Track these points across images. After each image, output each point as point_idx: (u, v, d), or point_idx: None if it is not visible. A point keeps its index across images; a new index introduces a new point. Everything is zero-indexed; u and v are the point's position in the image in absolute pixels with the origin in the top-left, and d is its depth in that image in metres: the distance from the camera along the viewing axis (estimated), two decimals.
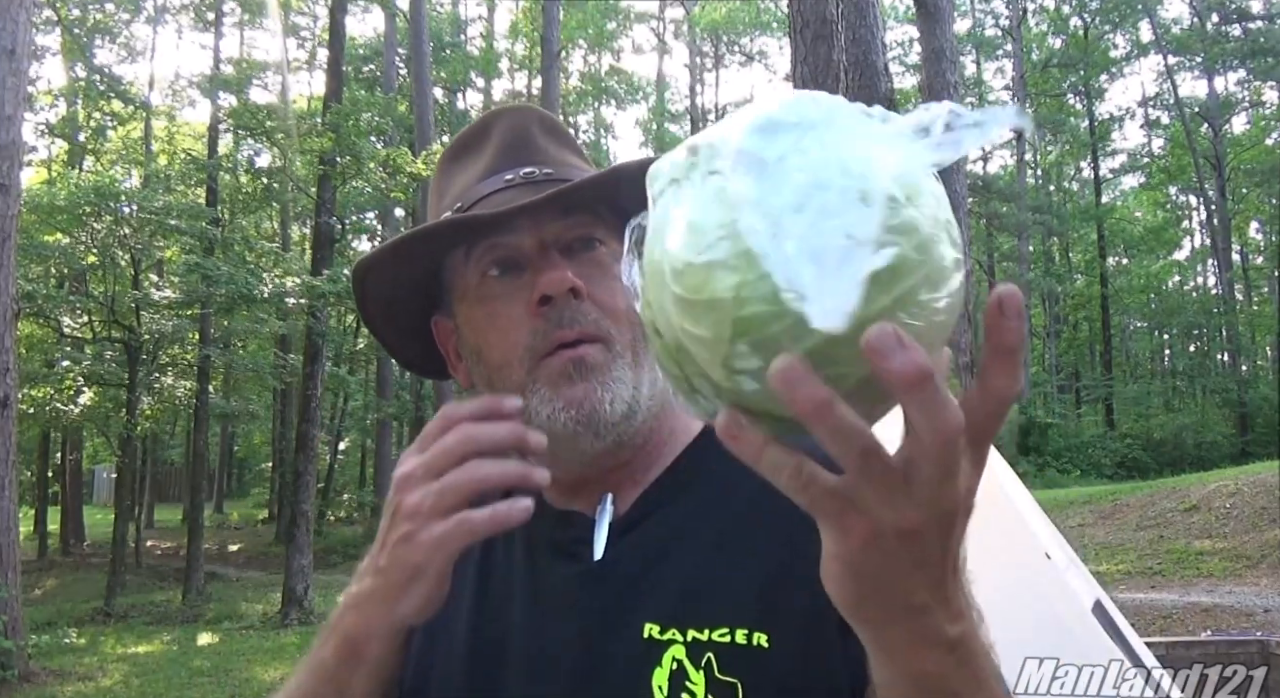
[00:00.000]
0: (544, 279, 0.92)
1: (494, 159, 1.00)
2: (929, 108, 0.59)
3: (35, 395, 16.25)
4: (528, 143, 1.01)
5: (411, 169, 16.65)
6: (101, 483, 39.35)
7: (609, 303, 0.94)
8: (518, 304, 0.94)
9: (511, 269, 0.95)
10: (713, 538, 0.90)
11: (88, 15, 23.27)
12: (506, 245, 0.95)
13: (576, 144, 1.08)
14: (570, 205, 0.94)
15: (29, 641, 10.42)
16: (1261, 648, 5.00)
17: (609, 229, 0.97)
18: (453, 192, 1.02)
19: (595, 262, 0.95)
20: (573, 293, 0.92)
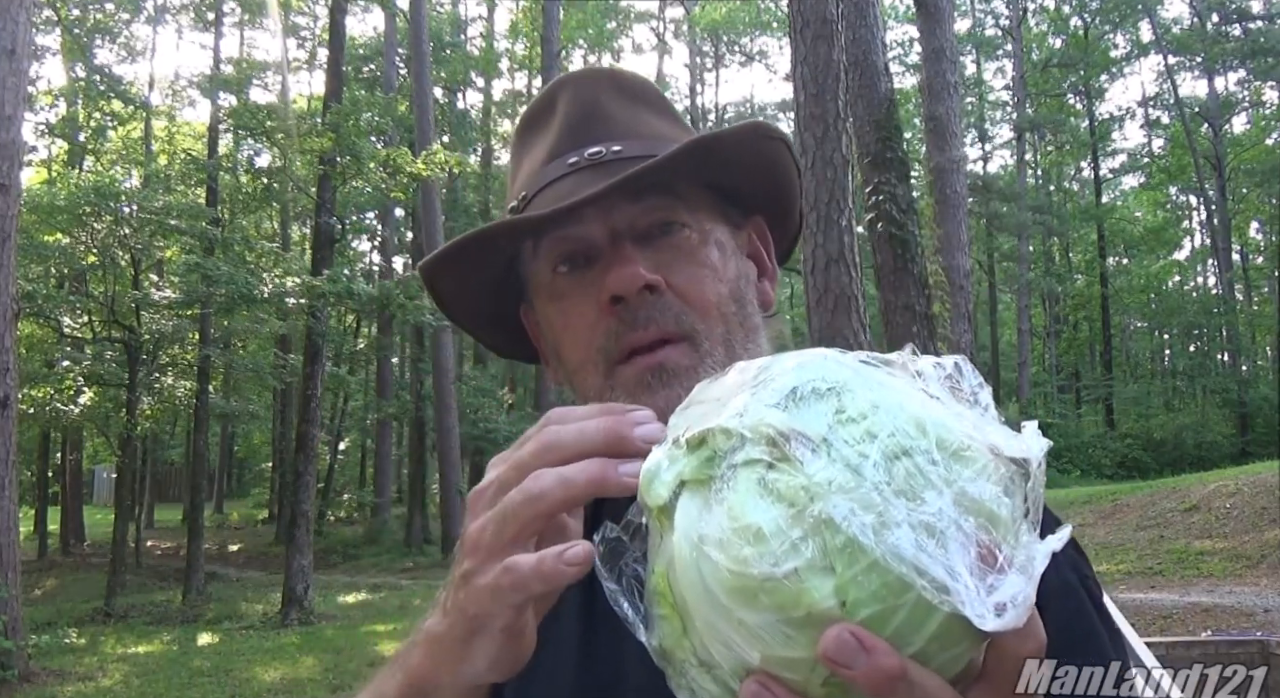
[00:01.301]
0: (612, 277, 0.82)
1: (557, 138, 0.90)
2: (940, 364, 0.54)
3: (35, 395, 16.25)
4: (595, 115, 0.90)
5: (411, 169, 16.64)
6: (101, 483, 39.34)
7: (694, 294, 0.84)
8: (589, 302, 0.84)
9: (581, 263, 0.85)
10: None
11: (88, 15, 23.27)
12: (574, 238, 0.85)
13: (662, 103, 0.96)
14: (642, 188, 0.83)
15: (29, 641, 10.42)
16: (1261, 648, 5.01)
17: (692, 207, 0.87)
18: (520, 176, 0.94)
19: (676, 248, 0.85)
20: (649, 289, 0.82)
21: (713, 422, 0.51)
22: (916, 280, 8.87)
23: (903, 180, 9.28)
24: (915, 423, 0.50)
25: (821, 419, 0.49)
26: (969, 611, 0.45)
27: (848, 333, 6.28)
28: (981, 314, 31.05)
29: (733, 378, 0.55)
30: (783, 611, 0.46)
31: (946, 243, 11.07)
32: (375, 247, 34.27)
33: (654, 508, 0.52)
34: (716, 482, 0.49)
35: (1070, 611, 0.74)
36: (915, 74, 30.29)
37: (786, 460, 0.48)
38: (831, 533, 0.46)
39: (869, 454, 0.48)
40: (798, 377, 0.52)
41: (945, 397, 0.53)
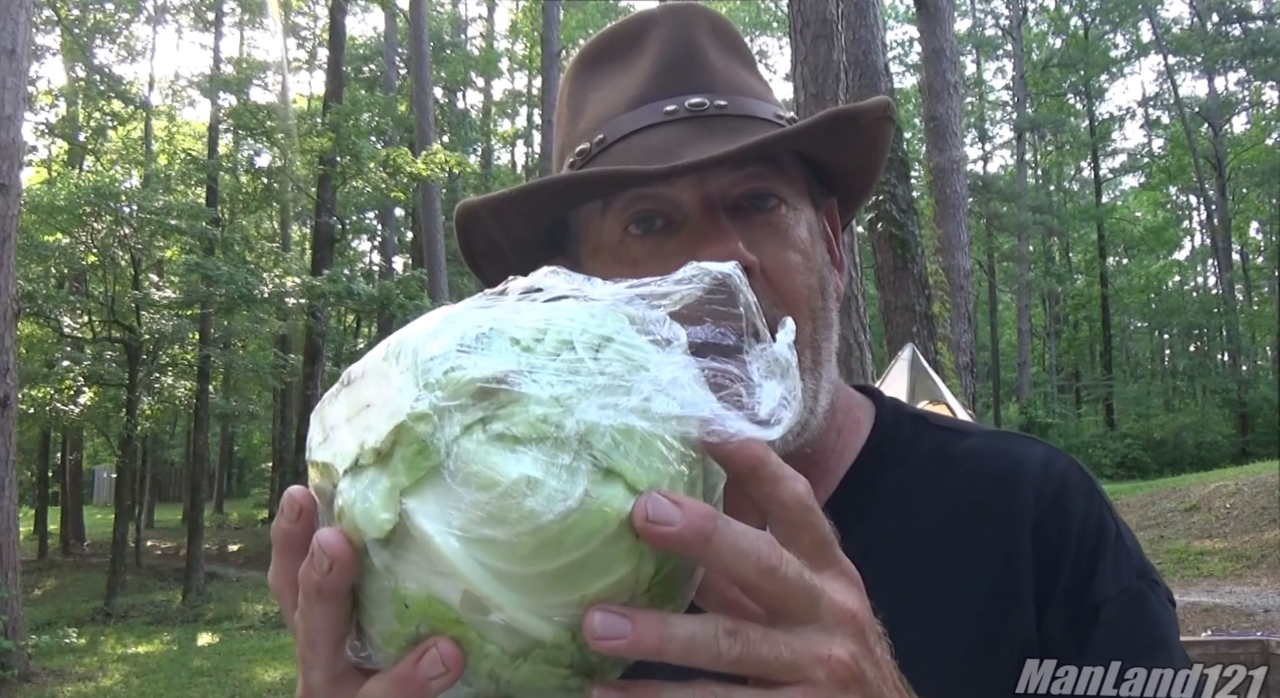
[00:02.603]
0: (706, 253, 0.70)
1: (651, 79, 0.78)
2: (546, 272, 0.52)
3: (35, 395, 16.24)
4: (695, 58, 0.78)
5: (411, 169, 16.66)
6: (101, 483, 39.34)
7: (786, 283, 0.75)
8: (662, 270, 0.75)
9: (661, 227, 0.75)
10: (904, 578, 0.73)
11: (88, 15, 23.27)
12: (658, 197, 0.75)
13: (751, 58, 0.84)
14: (744, 152, 0.72)
15: (29, 641, 10.42)
16: (1261, 648, 5.00)
17: (789, 182, 0.77)
18: (591, 112, 0.81)
19: (771, 226, 0.75)
20: (744, 271, 0.75)
21: (393, 419, 0.45)
22: (916, 280, 8.87)
23: (903, 180, 9.29)
24: (589, 315, 0.48)
25: (509, 353, 0.46)
26: (747, 431, 0.45)
27: (847, 333, 6.27)
28: (981, 314, 31.04)
29: (362, 383, 0.49)
30: (595, 535, 0.43)
31: (946, 243, 11.07)
32: (375, 247, 34.29)
33: (380, 540, 0.44)
34: (445, 465, 0.44)
35: (1131, 620, 0.71)
36: (915, 74, 30.31)
37: (506, 405, 0.44)
38: (596, 437, 0.44)
39: (578, 357, 0.46)
40: (450, 334, 0.47)
41: (584, 289, 0.51)
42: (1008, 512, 0.74)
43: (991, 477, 0.77)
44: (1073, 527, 0.74)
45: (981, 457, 0.79)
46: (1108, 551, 0.73)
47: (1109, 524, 0.75)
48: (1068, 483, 0.76)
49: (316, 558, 0.46)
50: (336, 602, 0.47)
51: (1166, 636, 0.72)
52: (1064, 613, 0.71)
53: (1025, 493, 0.75)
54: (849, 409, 0.84)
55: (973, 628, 0.71)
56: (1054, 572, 0.72)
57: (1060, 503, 0.75)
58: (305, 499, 0.48)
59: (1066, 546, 0.73)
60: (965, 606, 0.72)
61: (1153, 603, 0.73)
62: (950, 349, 9.52)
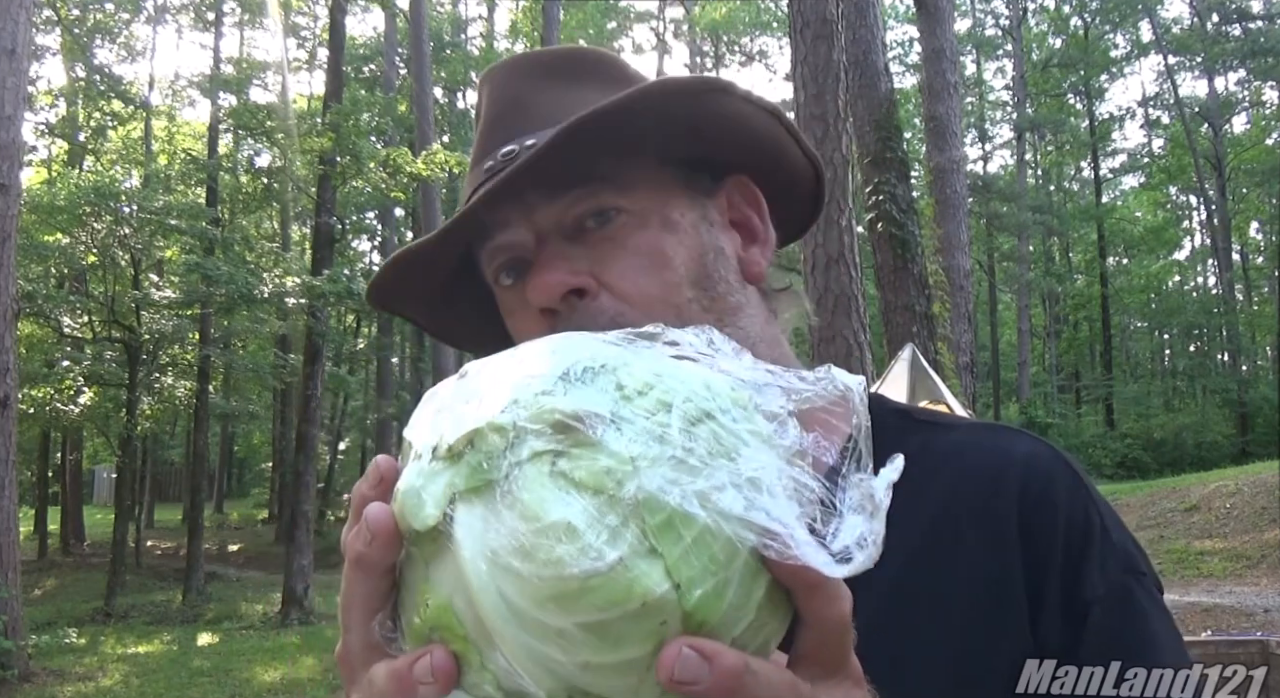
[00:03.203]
0: (530, 289, 0.74)
1: (479, 142, 0.82)
2: (697, 332, 0.51)
3: (35, 395, 16.24)
4: (513, 109, 0.80)
5: (411, 169, 16.65)
6: (101, 483, 39.33)
7: (631, 290, 0.74)
8: (530, 315, 0.76)
9: (520, 273, 0.77)
10: (893, 580, 0.70)
11: (88, 15, 23.27)
12: (504, 247, 0.77)
13: (613, 72, 0.83)
14: (559, 179, 0.73)
15: (29, 641, 10.42)
16: (1261, 648, 5.00)
17: (626, 187, 0.76)
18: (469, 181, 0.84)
19: (610, 240, 0.75)
20: (577, 294, 0.73)
21: (475, 421, 0.45)
22: (916, 280, 8.88)
23: (903, 180, 9.29)
24: (704, 384, 0.47)
25: (605, 397, 0.45)
26: (813, 560, 0.43)
27: (847, 333, 6.28)
28: (981, 314, 31.04)
29: (473, 379, 0.49)
30: (615, 607, 0.41)
31: (946, 243, 11.07)
32: (375, 247, 34.28)
33: (421, 533, 0.45)
34: (500, 485, 0.43)
35: (1120, 617, 0.71)
36: (915, 74, 30.30)
37: (580, 445, 0.43)
38: (650, 512, 0.42)
39: (669, 423, 0.44)
40: (562, 360, 0.47)
41: (715, 358, 0.50)
42: (995, 508, 0.74)
43: (977, 473, 0.76)
44: (1059, 523, 0.73)
45: (967, 452, 0.78)
46: (1094, 547, 0.73)
47: (1094, 519, 0.74)
48: (1051, 478, 0.75)
49: (361, 529, 0.47)
50: (374, 575, 0.48)
51: (1155, 630, 0.71)
52: (1057, 616, 0.70)
53: (1010, 489, 0.74)
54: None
55: (966, 628, 0.70)
56: (1044, 571, 0.71)
57: (1046, 498, 0.74)
58: (388, 469, 0.49)
59: (1053, 543, 0.72)
60: (957, 606, 0.71)
61: (1140, 598, 0.72)
62: (950, 349, 9.52)
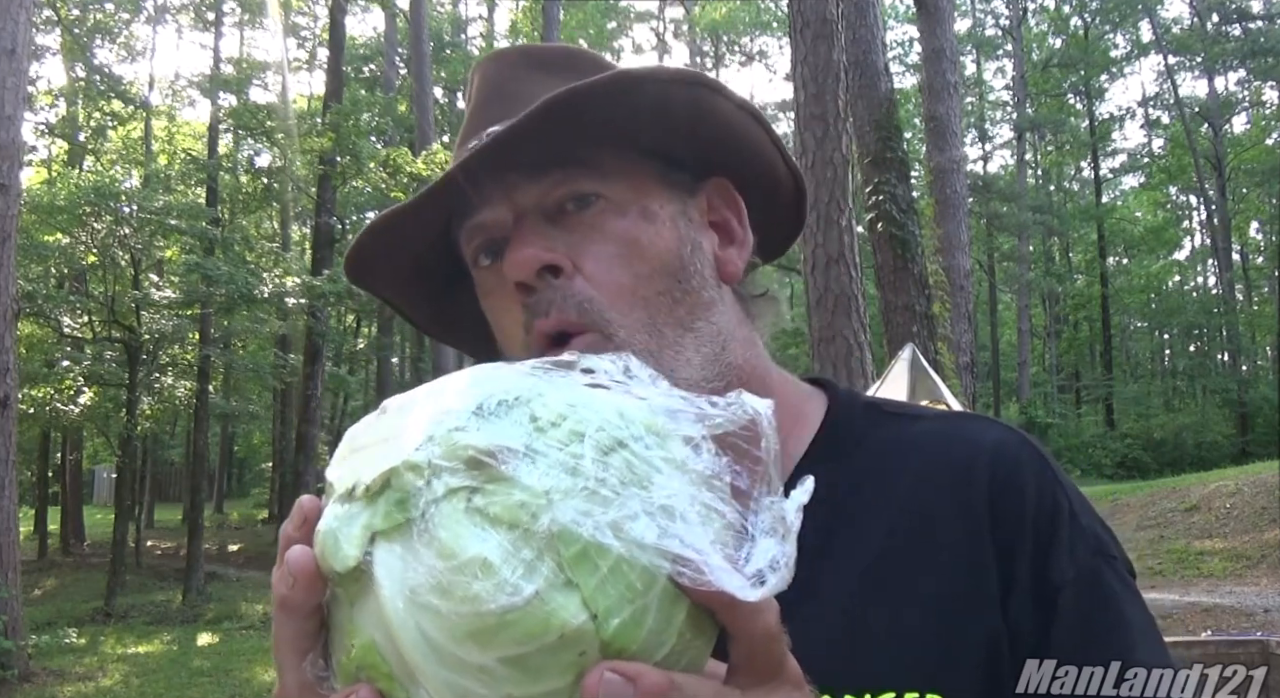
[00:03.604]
0: (505, 262, 0.74)
1: (467, 125, 0.83)
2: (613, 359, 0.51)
3: (35, 395, 16.25)
4: (502, 92, 0.82)
5: (411, 169, 16.66)
6: (101, 483, 39.33)
7: (604, 278, 0.74)
8: (506, 294, 0.77)
9: (498, 253, 0.78)
10: (865, 570, 0.72)
11: (88, 15, 23.27)
12: (483, 226, 0.78)
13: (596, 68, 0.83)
14: (541, 161, 0.75)
15: (29, 641, 10.42)
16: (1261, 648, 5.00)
17: (608, 175, 0.77)
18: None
19: (588, 225, 0.76)
20: (551, 271, 0.74)
21: (391, 460, 0.45)
22: (916, 280, 8.88)
23: (903, 180, 9.29)
24: (618, 412, 0.47)
25: (519, 430, 0.45)
26: (727, 585, 0.43)
27: (847, 333, 6.28)
28: (981, 314, 31.04)
29: (391, 416, 0.50)
30: (533, 640, 0.42)
31: (946, 243, 11.07)
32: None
33: (343, 574, 0.45)
34: (417, 523, 0.44)
35: (1090, 600, 0.71)
36: (915, 74, 30.29)
37: (494, 480, 0.44)
38: (565, 544, 0.42)
39: (582, 453, 0.45)
40: (476, 394, 0.47)
41: (630, 385, 0.50)
42: (964, 497, 0.74)
43: (946, 461, 0.77)
44: (1027, 509, 0.73)
45: (935, 441, 0.79)
46: (1062, 530, 0.73)
47: (1062, 503, 0.74)
48: (1019, 463, 0.76)
49: (284, 572, 0.47)
50: (299, 617, 0.48)
51: (1126, 613, 0.71)
52: (1027, 600, 0.71)
53: (980, 477, 0.75)
54: (792, 402, 0.82)
55: (939, 616, 0.70)
56: (1013, 556, 0.72)
57: (1012, 486, 0.74)
58: (311, 509, 0.49)
59: (1022, 529, 0.72)
60: (930, 594, 0.71)
61: (1110, 581, 0.72)
62: (950, 349, 9.52)
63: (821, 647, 0.69)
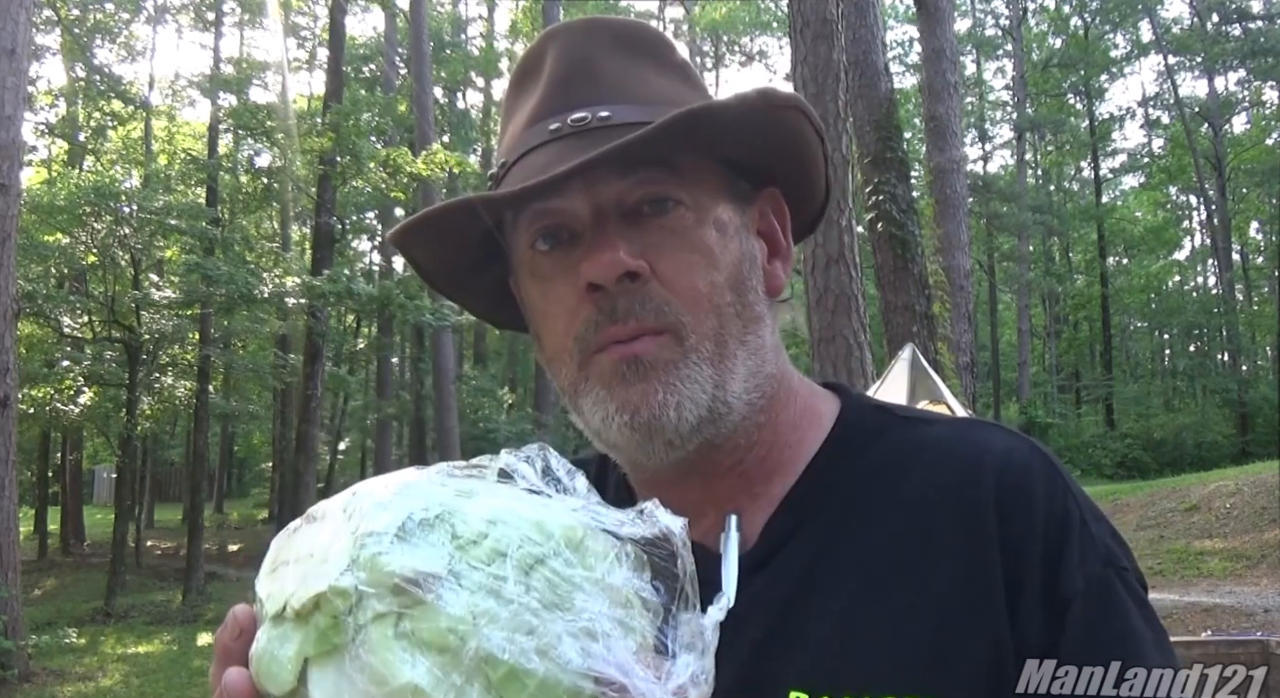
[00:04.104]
0: (588, 264, 0.73)
1: (542, 100, 0.80)
2: (528, 457, 0.53)
3: (35, 395, 16.24)
4: (583, 73, 0.80)
5: (411, 169, 16.66)
6: (101, 483, 39.32)
7: (682, 284, 0.75)
8: (569, 286, 0.76)
9: (566, 239, 0.77)
10: (868, 570, 0.73)
11: (88, 15, 23.26)
12: (555, 212, 0.76)
13: (669, 56, 0.84)
14: (633, 159, 0.74)
15: (29, 641, 10.42)
16: (1261, 648, 5.00)
17: (690, 182, 0.77)
18: (506, 135, 0.84)
19: (668, 230, 0.76)
20: (630, 276, 0.73)
21: (319, 584, 0.46)
22: (916, 280, 8.87)
23: (903, 180, 9.29)
24: (537, 527, 0.48)
25: (441, 551, 0.46)
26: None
27: (847, 333, 6.28)
28: (981, 314, 31.03)
29: (319, 527, 0.51)
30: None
31: (946, 243, 11.07)
32: (375, 247, 34.28)
33: (278, 696, 0.47)
34: (348, 649, 0.45)
35: (1099, 611, 0.70)
36: (915, 74, 30.28)
37: (419, 605, 0.45)
38: (493, 667, 0.44)
39: (504, 574, 0.46)
40: (398, 510, 0.48)
41: (548, 490, 0.52)
42: (971, 501, 0.74)
43: (955, 466, 0.76)
44: (1036, 517, 0.73)
45: (945, 446, 0.79)
46: (1073, 540, 0.72)
47: (1073, 512, 0.74)
48: (1030, 470, 0.75)
49: (224, 694, 0.49)
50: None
51: (1135, 625, 0.70)
52: (1036, 609, 0.70)
53: (988, 482, 0.74)
54: (808, 403, 0.84)
55: (940, 619, 0.70)
56: (1020, 564, 0.71)
57: (1023, 492, 0.74)
58: (246, 620, 0.52)
59: (1032, 537, 0.72)
60: (932, 597, 0.71)
61: (1120, 593, 0.71)
62: (950, 349, 9.52)
63: (820, 646, 0.71)
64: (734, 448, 0.78)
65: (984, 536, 0.72)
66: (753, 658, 0.72)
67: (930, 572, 0.72)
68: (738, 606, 0.71)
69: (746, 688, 0.70)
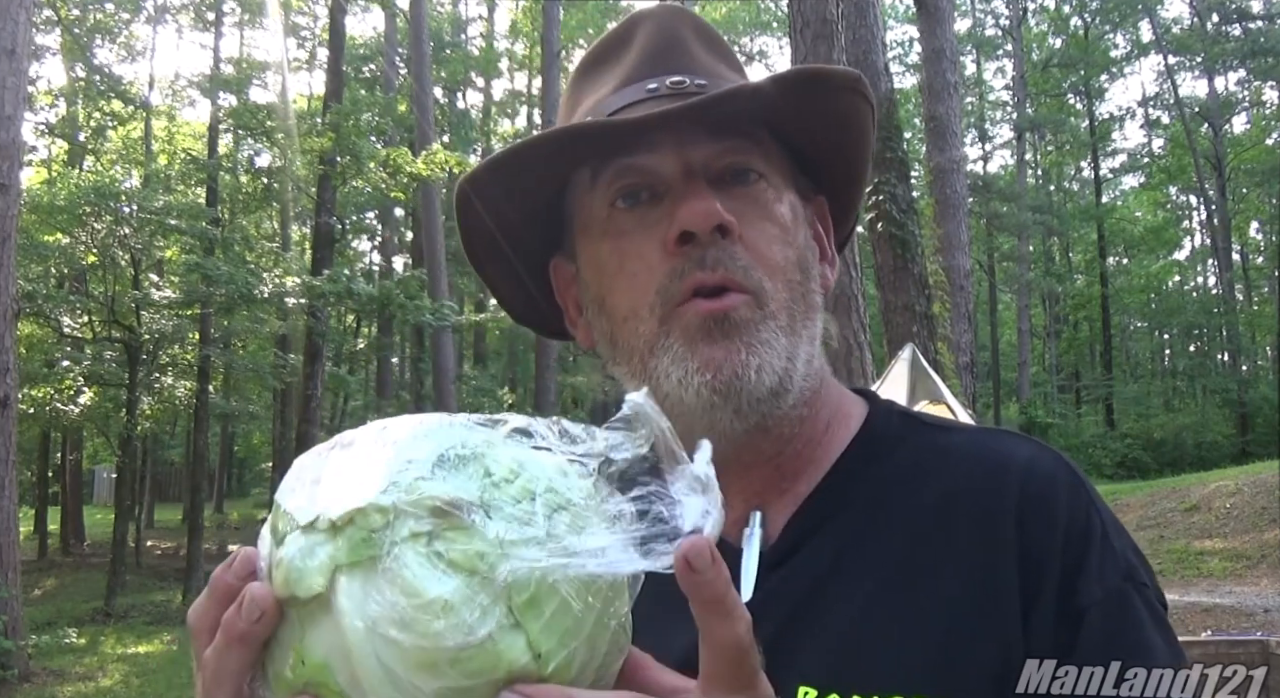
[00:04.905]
0: (685, 210, 0.74)
1: (635, 66, 0.82)
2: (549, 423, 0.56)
3: (35, 395, 16.24)
4: (678, 47, 0.82)
5: (411, 169, 16.66)
6: (101, 483, 39.32)
7: (764, 251, 0.77)
8: (652, 242, 0.76)
9: (646, 199, 0.78)
10: (885, 572, 0.74)
11: (88, 15, 23.25)
12: (642, 169, 0.77)
13: (737, 61, 0.87)
14: (723, 126, 0.77)
15: (29, 641, 10.41)
16: (1261, 648, 5.01)
17: (768, 160, 0.80)
18: (583, 108, 0.84)
19: (751, 198, 0.78)
20: (720, 231, 0.75)
21: (356, 500, 0.49)
22: (916, 280, 8.87)
23: (903, 180, 9.28)
24: (560, 475, 0.52)
25: (475, 483, 0.50)
26: (656, 565, 0.49)
27: (848, 333, 6.27)
28: (981, 314, 31.03)
29: (353, 451, 0.53)
30: (482, 675, 0.47)
31: (946, 243, 11.07)
32: (375, 247, 34.29)
33: (304, 599, 0.49)
34: (381, 561, 0.48)
35: (1115, 624, 0.70)
36: (915, 74, 30.29)
37: (454, 529, 0.48)
38: (517, 591, 0.47)
39: (534, 511, 0.49)
40: (437, 443, 0.51)
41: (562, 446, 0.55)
42: (993, 509, 0.74)
43: (977, 474, 0.77)
44: (1058, 526, 0.73)
45: (968, 453, 0.79)
46: (1093, 552, 0.72)
47: (1095, 524, 0.74)
48: (1054, 480, 0.76)
49: (247, 608, 0.50)
50: (253, 648, 0.51)
51: (1150, 640, 0.70)
52: (1050, 618, 0.70)
53: (1010, 490, 0.74)
54: (839, 405, 0.85)
55: (953, 623, 0.70)
56: (1039, 573, 0.71)
57: (1045, 501, 0.74)
58: (254, 560, 0.53)
59: (1052, 546, 0.72)
60: (947, 600, 0.71)
61: (1138, 607, 0.71)
62: (950, 349, 9.52)
63: (831, 645, 0.72)
64: (777, 437, 0.79)
65: (1003, 542, 0.72)
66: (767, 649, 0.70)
67: (945, 576, 0.72)
68: (753, 602, 0.73)
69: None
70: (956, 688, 0.68)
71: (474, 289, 30.41)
